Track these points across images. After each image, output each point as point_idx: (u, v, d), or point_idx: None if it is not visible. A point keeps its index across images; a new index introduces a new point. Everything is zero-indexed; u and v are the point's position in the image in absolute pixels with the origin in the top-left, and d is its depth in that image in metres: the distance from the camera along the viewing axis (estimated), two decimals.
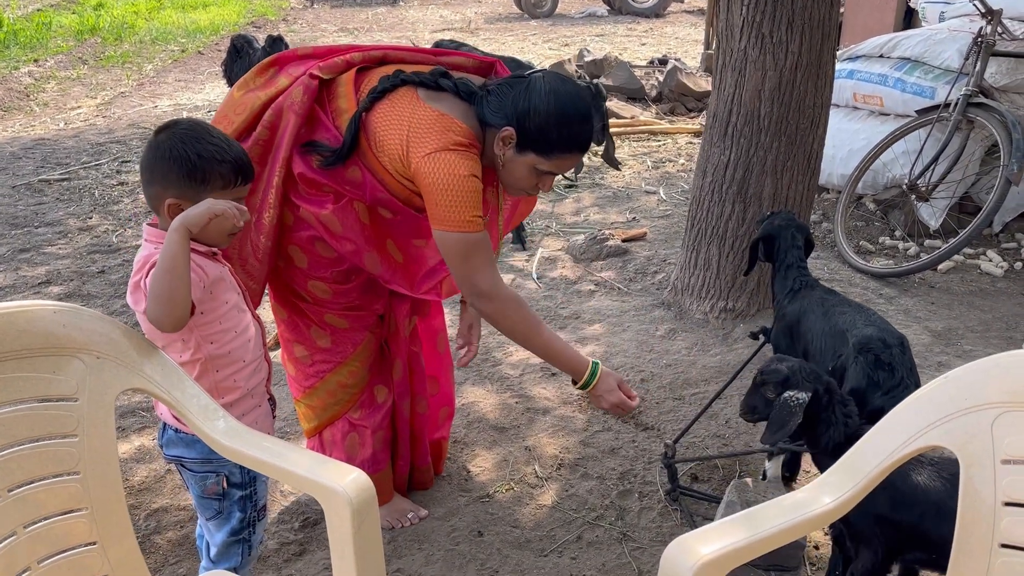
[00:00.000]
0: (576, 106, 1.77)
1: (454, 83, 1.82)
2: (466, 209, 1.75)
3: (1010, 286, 3.90)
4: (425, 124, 1.76)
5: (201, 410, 1.42)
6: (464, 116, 1.80)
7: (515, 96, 1.77)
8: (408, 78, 1.82)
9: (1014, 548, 1.21)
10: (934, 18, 5.17)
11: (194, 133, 1.54)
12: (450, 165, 1.73)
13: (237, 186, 1.58)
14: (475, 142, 1.80)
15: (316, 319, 2.08)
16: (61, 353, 1.31)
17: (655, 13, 15.95)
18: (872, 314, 2.09)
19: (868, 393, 1.87)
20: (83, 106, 8.37)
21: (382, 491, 2.28)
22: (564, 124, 1.76)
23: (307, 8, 18.53)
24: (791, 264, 2.36)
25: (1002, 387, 1.21)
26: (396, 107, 1.80)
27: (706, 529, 1.26)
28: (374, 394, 2.22)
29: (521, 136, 1.77)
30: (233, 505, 1.74)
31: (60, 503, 1.34)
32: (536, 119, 1.75)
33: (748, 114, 3.20)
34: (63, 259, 4.35)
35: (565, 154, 1.81)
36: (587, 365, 1.93)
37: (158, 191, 1.54)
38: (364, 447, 2.23)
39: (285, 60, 1.96)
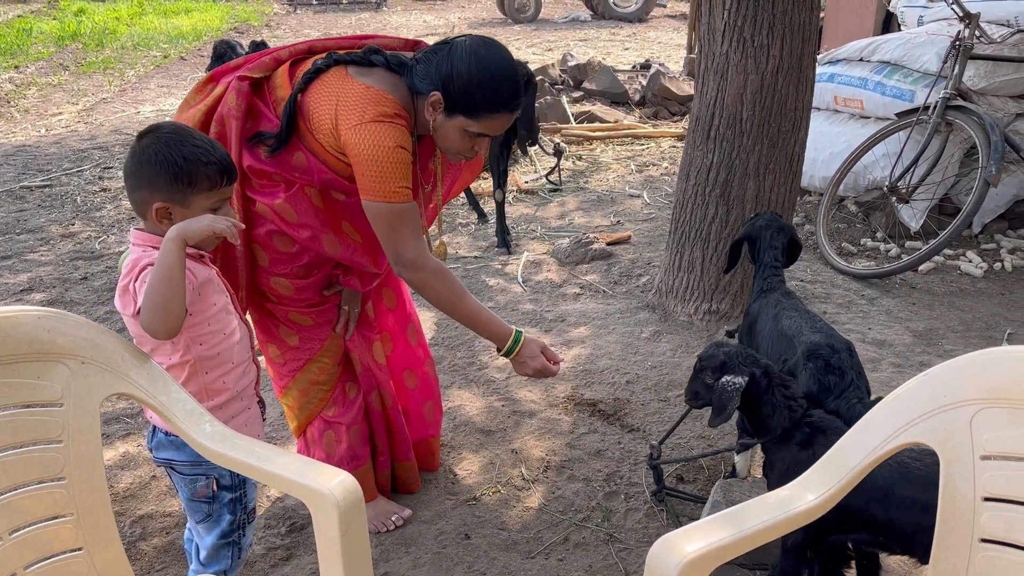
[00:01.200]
0: (498, 66, 1.79)
1: (385, 57, 1.86)
2: (393, 180, 1.78)
3: (989, 286, 3.94)
4: (352, 97, 1.79)
5: (187, 414, 1.42)
6: (394, 88, 1.84)
7: (439, 61, 1.80)
8: (340, 58, 1.87)
9: (994, 543, 1.23)
10: (913, 22, 5.22)
11: (178, 136, 1.55)
12: (377, 136, 1.76)
13: (223, 186, 1.59)
14: (403, 112, 1.83)
15: (283, 318, 2.12)
16: (46, 359, 1.30)
17: (638, 18, 16.04)
18: (818, 320, 2.11)
19: (820, 397, 1.90)
20: (65, 112, 8.32)
21: (364, 488, 2.28)
22: (487, 84, 1.78)
23: (290, 14, 18.50)
24: (767, 264, 2.38)
25: (980, 384, 1.22)
26: (327, 84, 1.84)
27: (691, 527, 1.27)
28: (346, 391, 2.26)
29: (447, 99, 1.80)
30: (223, 507, 1.74)
31: (45, 509, 1.33)
32: (459, 81, 1.78)
33: (730, 117, 3.23)
34: (45, 266, 4.32)
35: (492, 114, 1.82)
36: (510, 333, 1.96)
37: (145, 196, 1.54)
38: (340, 443, 2.26)
39: (220, 74, 2.01)
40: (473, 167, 2.26)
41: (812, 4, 3.11)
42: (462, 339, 3.47)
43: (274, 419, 2.90)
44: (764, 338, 2.17)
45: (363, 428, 2.30)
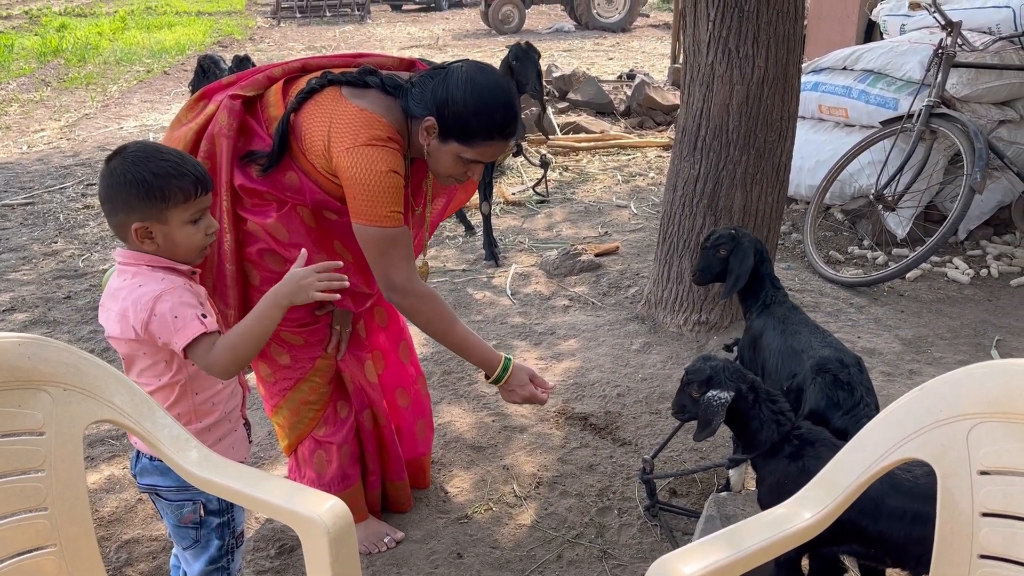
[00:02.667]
0: (494, 93, 1.78)
1: (380, 79, 1.85)
2: (384, 204, 1.77)
3: (976, 293, 3.96)
4: (346, 119, 1.78)
5: (173, 440, 1.39)
6: (388, 111, 1.83)
7: (435, 86, 1.79)
8: (335, 78, 1.85)
9: (994, 559, 1.22)
10: (895, 30, 5.26)
11: (144, 153, 1.52)
12: (369, 160, 1.74)
13: (198, 197, 1.56)
14: (397, 136, 1.82)
15: (273, 337, 2.06)
16: (26, 386, 1.28)
17: (621, 28, 16.13)
18: (828, 336, 2.10)
19: (829, 413, 1.88)
20: (47, 129, 8.26)
21: (354, 508, 2.25)
22: (482, 112, 1.77)
23: (273, 27, 18.48)
24: (764, 275, 2.35)
25: (976, 398, 1.22)
26: (320, 105, 1.83)
27: (688, 548, 1.25)
28: (337, 410, 2.23)
29: (442, 125, 1.79)
30: (211, 533, 1.71)
31: (28, 540, 1.30)
32: (454, 107, 1.76)
33: (717, 128, 3.23)
34: (28, 285, 4.27)
35: (486, 142, 1.81)
36: (499, 360, 1.95)
37: (122, 218, 1.52)
38: (331, 463, 2.23)
39: (211, 91, 1.98)
40: (467, 188, 2.24)
41: (796, 15, 3.12)
42: (452, 354, 3.44)
43: (261, 439, 2.87)
44: (772, 353, 2.14)
45: (354, 448, 2.27)
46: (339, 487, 2.22)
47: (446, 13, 20.81)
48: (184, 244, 1.55)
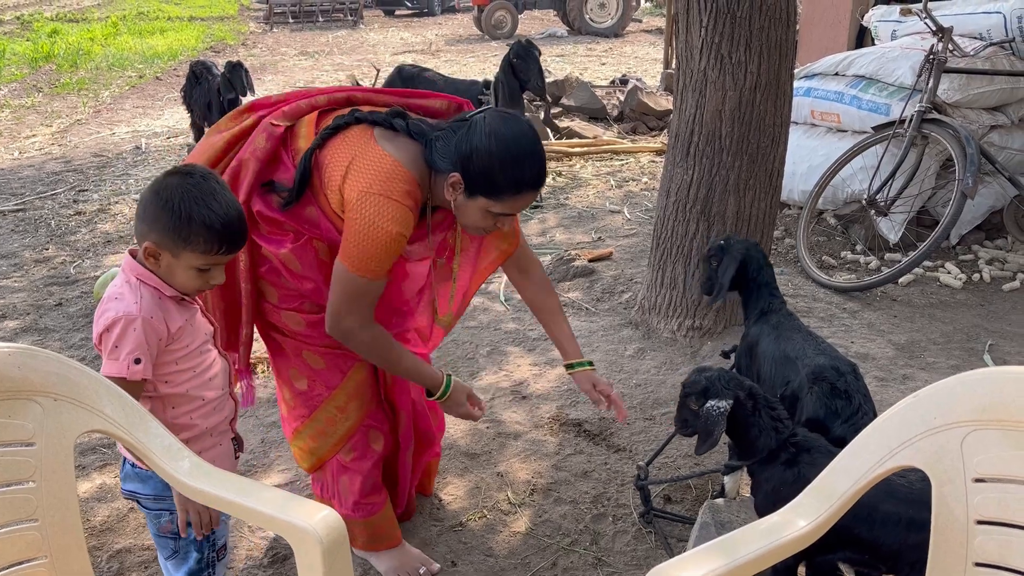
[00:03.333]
0: (519, 144, 1.72)
1: (407, 124, 1.80)
2: (376, 260, 1.74)
3: (969, 297, 3.97)
4: (369, 160, 1.74)
5: (164, 450, 1.38)
6: (413, 159, 1.78)
7: (458, 140, 1.73)
8: (363, 116, 1.81)
9: (989, 567, 1.22)
10: (886, 36, 5.28)
11: (199, 191, 1.52)
12: (379, 214, 1.70)
13: (217, 255, 1.57)
14: (416, 190, 1.77)
15: (295, 356, 2.03)
16: (16, 396, 1.27)
17: (614, 33, 16.17)
18: (822, 342, 2.10)
19: (828, 422, 1.88)
20: (38, 135, 8.23)
21: (384, 534, 2.23)
22: (507, 165, 1.71)
23: (266, 32, 18.48)
24: (762, 284, 2.33)
25: (970, 405, 1.22)
26: (347, 141, 1.79)
27: (683, 557, 1.25)
28: (368, 439, 2.13)
29: (468, 181, 1.74)
30: (189, 545, 1.70)
31: (18, 552, 1.29)
32: (479, 162, 1.71)
33: (709, 134, 3.23)
34: (19, 292, 4.25)
35: (515, 195, 1.76)
36: (441, 380, 1.98)
37: (143, 229, 1.54)
38: (353, 492, 2.16)
39: (258, 106, 1.95)
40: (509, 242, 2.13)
41: (788, 21, 3.13)
42: (445, 359, 3.44)
43: (254, 446, 2.86)
44: (767, 361, 2.14)
45: (378, 478, 2.19)
46: (362, 514, 2.17)
47: (439, 18, 20.83)
48: (181, 282, 1.58)
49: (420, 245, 1.94)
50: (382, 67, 7.74)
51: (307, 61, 13.66)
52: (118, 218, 5.47)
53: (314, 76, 11.90)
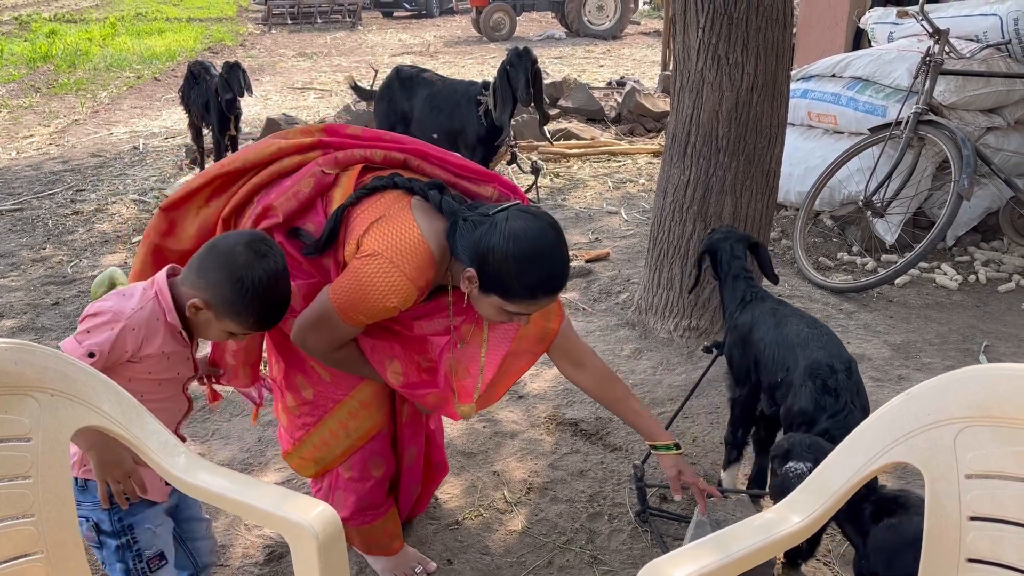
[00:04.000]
0: (537, 251, 1.66)
1: (440, 200, 1.78)
2: (360, 312, 1.74)
3: (965, 299, 3.98)
4: (398, 226, 1.72)
5: (161, 446, 1.39)
6: (439, 237, 1.76)
7: (478, 236, 1.69)
8: (402, 183, 1.80)
9: (981, 563, 1.22)
10: (883, 38, 5.29)
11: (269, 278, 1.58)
12: (383, 280, 1.69)
13: (253, 330, 1.65)
14: (433, 270, 1.75)
15: (303, 364, 2.01)
16: (13, 392, 1.27)
17: (612, 35, 16.19)
18: (823, 334, 2.13)
19: (815, 416, 1.96)
20: (36, 135, 8.23)
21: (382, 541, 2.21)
22: (523, 271, 1.66)
23: (265, 33, 18.48)
24: (736, 275, 2.40)
25: (963, 402, 1.22)
26: (382, 201, 1.78)
27: (677, 553, 1.26)
28: (369, 465, 2.10)
29: (482, 279, 1.70)
30: (112, 555, 1.65)
31: (14, 547, 1.29)
32: (495, 264, 1.67)
33: (706, 135, 3.24)
34: (16, 291, 4.25)
35: (529, 299, 1.71)
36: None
37: (199, 284, 1.58)
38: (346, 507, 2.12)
39: (331, 131, 1.95)
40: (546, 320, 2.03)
41: (785, 22, 3.14)
42: None
43: (251, 445, 2.86)
44: (767, 346, 2.17)
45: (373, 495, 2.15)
46: (356, 523, 2.14)
47: (437, 20, 20.84)
48: (209, 336, 1.65)
49: (438, 321, 1.93)
50: (380, 68, 7.74)
51: (305, 62, 13.66)
52: (115, 218, 5.47)
53: (312, 77, 11.91)
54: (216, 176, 1.92)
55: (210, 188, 1.93)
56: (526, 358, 2.04)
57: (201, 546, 1.77)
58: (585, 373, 2.07)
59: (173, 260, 1.92)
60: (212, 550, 1.82)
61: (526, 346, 2.01)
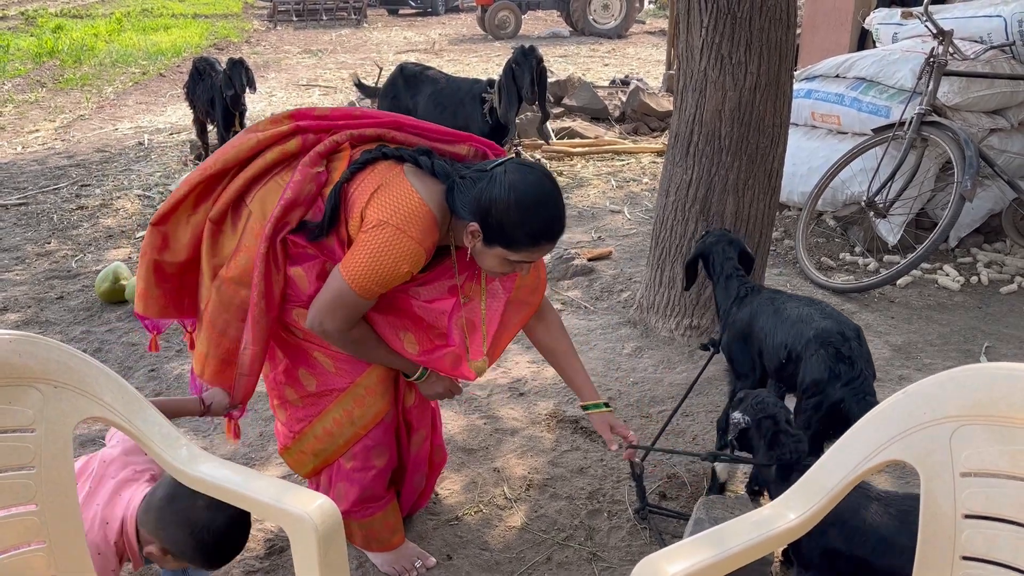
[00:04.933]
0: (537, 198, 1.76)
1: (432, 164, 1.83)
2: (375, 282, 1.78)
3: (966, 300, 3.98)
4: (397, 193, 1.76)
5: (163, 438, 1.40)
6: (437, 199, 1.81)
7: (478, 191, 1.77)
8: (391, 152, 1.85)
9: (976, 560, 1.23)
10: (887, 39, 5.29)
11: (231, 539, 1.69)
12: (396, 248, 1.74)
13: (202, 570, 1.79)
14: (436, 230, 1.81)
15: (306, 356, 2.03)
16: (17, 383, 1.28)
17: (617, 34, 16.17)
18: (826, 306, 2.17)
19: (829, 385, 1.96)
20: (41, 129, 8.25)
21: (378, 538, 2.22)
22: (525, 219, 1.75)
23: (270, 30, 18.49)
24: (729, 275, 2.43)
25: (959, 401, 1.23)
26: (376, 172, 1.82)
27: (674, 548, 1.27)
28: (371, 454, 2.12)
29: (485, 232, 1.78)
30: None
31: (17, 537, 1.31)
32: (497, 215, 1.75)
33: (709, 134, 3.25)
34: (20, 285, 4.27)
35: (532, 247, 1.80)
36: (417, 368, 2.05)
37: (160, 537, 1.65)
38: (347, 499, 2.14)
39: (300, 116, 1.96)
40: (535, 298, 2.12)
41: (788, 22, 3.14)
42: None
43: (252, 439, 2.87)
44: (769, 333, 2.18)
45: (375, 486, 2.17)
46: (357, 516, 2.16)
47: (442, 18, 20.84)
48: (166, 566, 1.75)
49: (440, 284, 1.97)
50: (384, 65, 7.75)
51: (310, 59, 13.68)
52: (120, 213, 5.49)
53: (317, 74, 11.92)
54: (199, 182, 1.94)
55: (195, 194, 1.95)
56: (524, 310, 2.12)
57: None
58: (543, 324, 2.18)
59: (172, 272, 1.97)
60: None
61: (523, 296, 2.10)
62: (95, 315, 3.90)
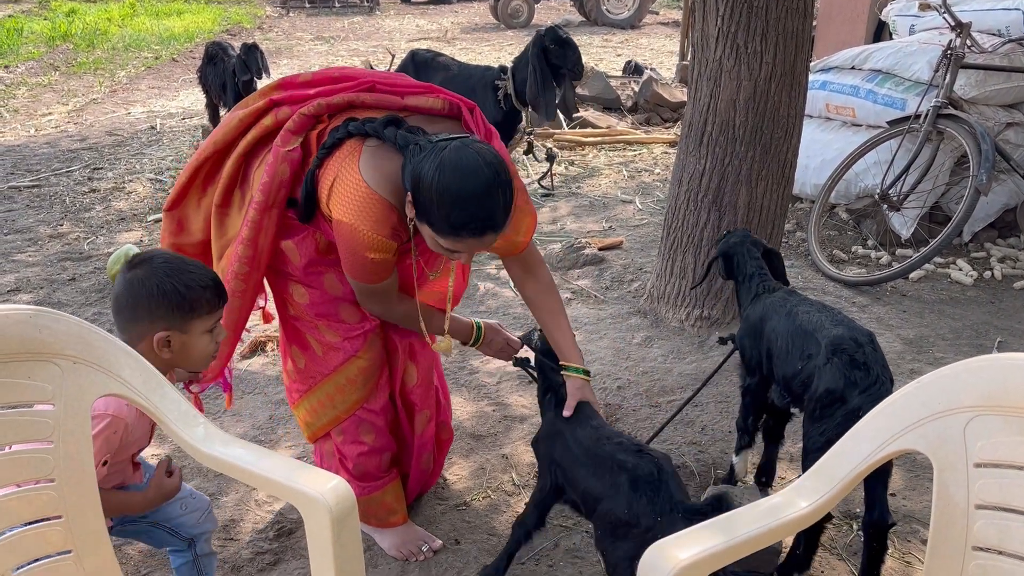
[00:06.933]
0: (460, 188, 1.61)
1: (395, 136, 1.77)
2: (365, 274, 1.86)
3: (979, 295, 3.96)
4: (346, 187, 1.77)
5: (180, 416, 1.41)
6: (393, 179, 1.77)
7: (417, 161, 1.67)
8: (356, 129, 1.81)
9: (987, 551, 1.23)
10: (904, 31, 5.25)
11: (174, 265, 1.59)
12: (354, 240, 1.78)
13: (220, 307, 1.65)
14: (393, 213, 1.78)
15: (299, 337, 2.11)
16: (37, 358, 1.29)
17: (630, 24, 16.08)
18: (837, 313, 2.13)
19: (846, 393, 1.90)
20: (54, 113, 8.28)
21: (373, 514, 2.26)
22: (445, 206, 1.62)
23: (283, 16, 18.47)
24: (751, 274, 2.40)
25: (974, 391, 1.23)
26: (335, 161, 1.80)
27: (683, 534, 1.27)
28: (359, 430, 2.16)
29: (416, 206, 1.69)
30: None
31: (35, 511, 1.32)
32: (424, 192, 1.64)
33: (723, 124, 3.24)
34: (33, 267, 4.29)
35: (453, 236, 1.67)
36: (471, 328, 2.18)
37: (144, 327, 1.57)
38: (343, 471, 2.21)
39: (287, 84, 1.98)
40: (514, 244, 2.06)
41: (805, 11, 3.12)
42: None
43: (262, 422, 2.89)
44: (780, 336, 2.15)
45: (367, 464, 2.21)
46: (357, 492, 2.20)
47: (455, 6, 20.76)
48: (198, 353, 1.63)
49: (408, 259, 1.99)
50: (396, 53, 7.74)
51: (322, 46, 13.66)
52: (132, 196, 5.51)
53: (329, 61, 11.91)
54: (198, 166, 1.99)
55: (200, 177, 2.00)
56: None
57: (184, 520, 1.82)
58: (532, 280, 2.16)
59: (193, 253, 2.01)
60: (202, 520, 1.85)
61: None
62: (107, 297, 3.92)
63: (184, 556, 1.86)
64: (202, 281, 1.59)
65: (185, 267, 1.60)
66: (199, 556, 1.87)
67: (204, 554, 1.88)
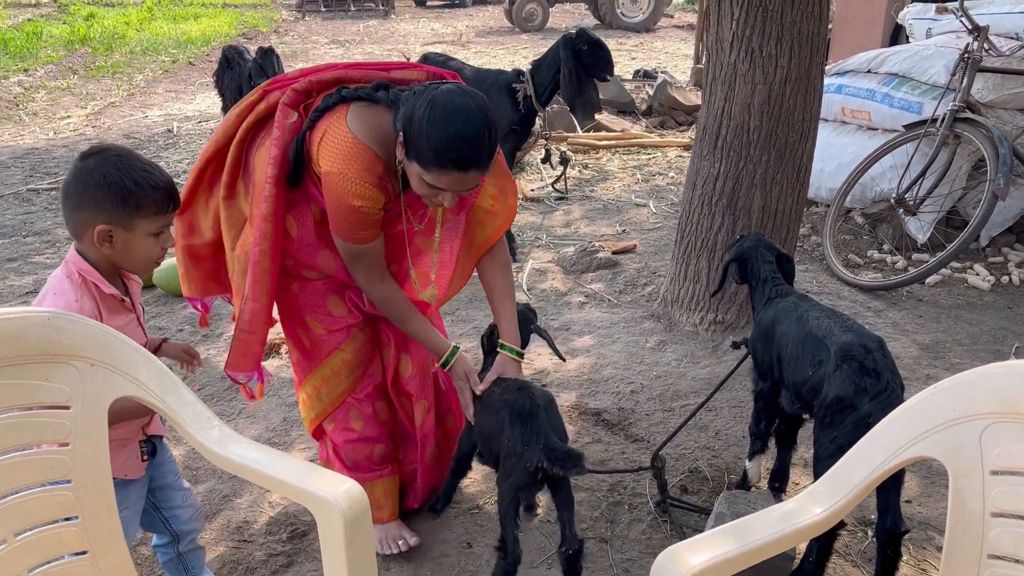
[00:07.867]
0: (452, 120, 1.69)
1: (388, 95, 1.86)
2: (352, 228, 1.88)
3: (997, 300, 3.93)
4: (334, 141, 1.82)
5: (195, 418, 1.42)
6: (381, 133, 1.84)
7: (410, 103, 1.76)
8: (348, 94, 1.88)
9: (1003, 559, 1.22)
10: (921, 34, 5.22)
11: (125, 160, 1.56)
12: (341, 189, 1.81)
13: (168, 212, 1.61)
14: (380, 164, 1.84)
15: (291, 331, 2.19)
16: (54, 360, 1.30)
17: (645, 28, 16.08)
18: (846, 319, 2.12)
19: (856, 400, 1.89)
20: (73, 116, 8.36)
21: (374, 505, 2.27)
22: (433, 136, 1.69)
23: (298, 20, 18.58)
24: (765, 278, 2.40)
25: (990, 398, 1.22)
26: (324, 122, 1.87)
27: (696, 539, 1.27)
28: (348, 416, 2.22)
29: (406, 142, 1.76)
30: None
31: (51, 511, 1.33)
32: (414, 126, 1.72)
33: (738, 127, 3.23)
34: (51, 269, 4.33)
35: (440, 170, 1.73)
36: (447, 349, 2.09)
37: (88, 217, 1.54)
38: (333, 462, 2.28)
39: (275, 82, 2.04)
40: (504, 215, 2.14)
41: (821, 15, 3.11)
42: (466, 346, 3.46)
43: (276, 424, 2.90)
44: (790, 342, 2.15)
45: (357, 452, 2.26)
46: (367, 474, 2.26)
47: (470, 10, 20.82)
48: (141, 255, 1.59)
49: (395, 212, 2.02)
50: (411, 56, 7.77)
51: (338, 50, 13.73)
52: None
53: None
54: (203, 167, 2.05)
55: (206, 177, 2.06)
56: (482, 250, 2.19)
57: (180, 513, 1.84)
58: (489, 256, 2.20)
59: (206, 254, 2.09)
60: (193, 517, 1.88)
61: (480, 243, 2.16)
62: None
63: (168, 553, 1.92)
64: (152, 180, 1.56)
65: (138, 164, 1.57)
66: (182, 553, 1.92)
67: (190, 550, 1.93)
